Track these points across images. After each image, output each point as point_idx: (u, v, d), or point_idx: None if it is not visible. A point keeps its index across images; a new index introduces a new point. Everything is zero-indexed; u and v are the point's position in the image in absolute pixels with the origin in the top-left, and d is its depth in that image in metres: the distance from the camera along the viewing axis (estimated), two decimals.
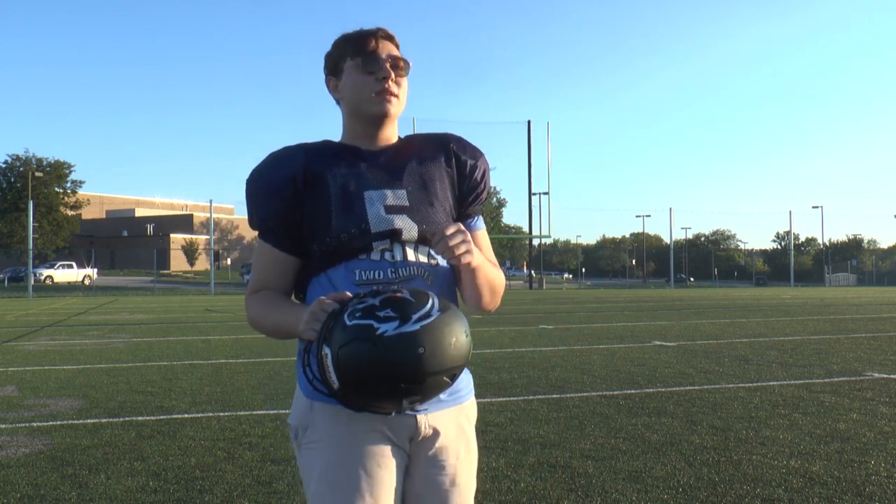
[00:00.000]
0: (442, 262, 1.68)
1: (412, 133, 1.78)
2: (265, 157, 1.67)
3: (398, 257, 1.62)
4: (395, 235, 1.62)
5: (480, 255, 1.65)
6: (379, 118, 1.67)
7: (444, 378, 1.45)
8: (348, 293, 1.50)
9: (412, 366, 1.40)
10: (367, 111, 1.66)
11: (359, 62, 1.65)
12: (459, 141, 1.77)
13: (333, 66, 1.71)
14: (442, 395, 1.62)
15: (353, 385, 1.43)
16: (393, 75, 1.66)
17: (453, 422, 1.68)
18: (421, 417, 1.62)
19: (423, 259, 1.66)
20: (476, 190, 1.76)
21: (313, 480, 1.59)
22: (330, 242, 1.60)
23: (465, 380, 1.73)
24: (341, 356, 1.41)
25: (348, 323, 1.42)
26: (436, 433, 1.65)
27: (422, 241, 1.65)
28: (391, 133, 1.72)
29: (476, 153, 1.77)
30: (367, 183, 1.65)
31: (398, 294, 1.46)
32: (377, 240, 1.61)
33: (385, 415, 1.56)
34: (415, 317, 1.42)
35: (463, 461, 1.68)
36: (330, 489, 1.56)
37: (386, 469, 1.59)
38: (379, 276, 1.60)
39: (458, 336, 1.46)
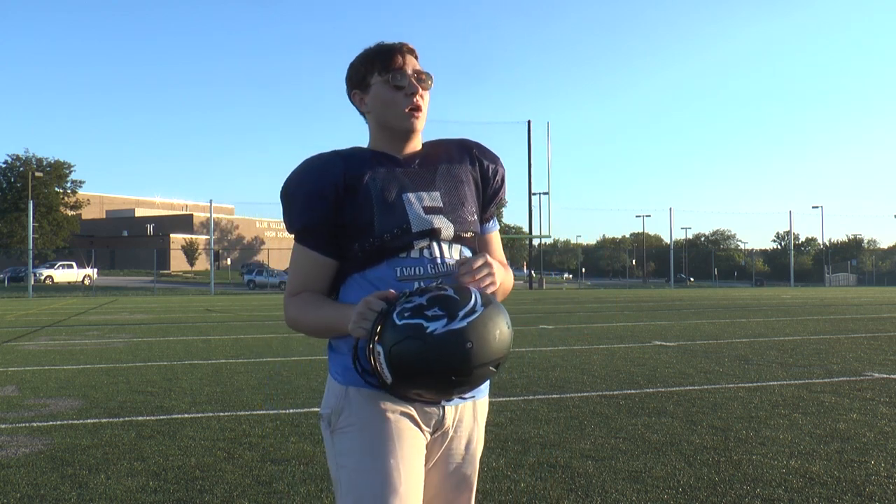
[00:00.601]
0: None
1: (435, 139, 1.89)
2: (302, 164, 1.76)
3: (436, 254, 1.73)
4: (434, 234, 1.73)
5: (500, 270, 1.78)
6: (407, 133, 1.78)
7: (491, 368, 1.55)
8: (392, 291, 1.61)
9: (461, 360, 1.50)
10: (396, 126, 1.77)
11: (388, 79, 1.75)
12: (480, 146, 1.89)
13: (360, 80, 1.79)
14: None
15: (405, 379, 1.54)
16: (420, 90, 1.76)
17: (471, 416, 1.80)
18: (449, 409, 1.74)
19: (457, 256, 1.77)
20: (496, 194, 1.89)
21: (354, 456, 1.66)
22: (373, 243, 1.70)
23: None
24: (393, 354, 1.51)
25: (398, 322, 1.51)
26: (458, 424, 1.77)
27: (455, 240, 1.77)
28: (417, 141, 1.83)
29: (496, 158, 1.89)
30: (405, 186, 1.75)
31: (443, 292, 1.55)
32: (418, 238, 1.71)
33: (431, 403, 1.69)
34: (461, 314, 1.51)
35: (474, 454, 1.81)
36: (372, 459, 1.64)
37: (415, 448, 1.68)
38: (419, 271, 1.71)
39: (502, 328, 1.56)
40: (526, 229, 60.02)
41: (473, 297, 1.56)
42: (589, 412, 5.93)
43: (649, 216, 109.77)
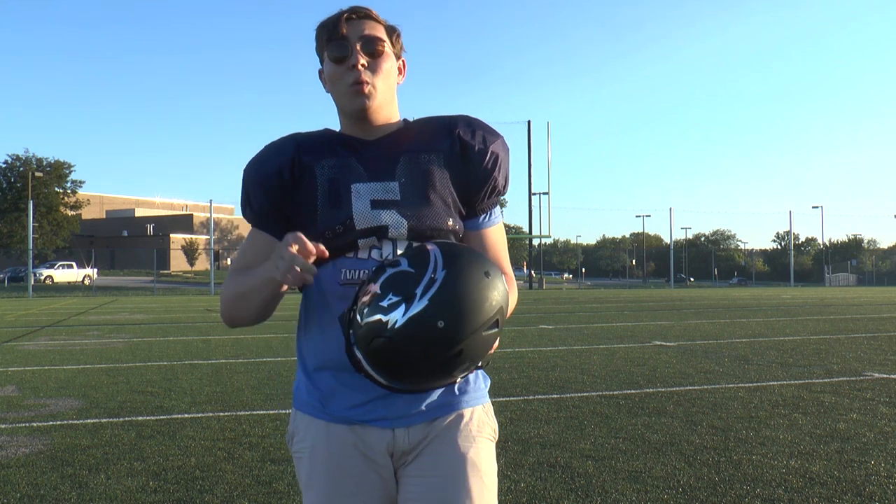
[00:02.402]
0: None
1: (424, 116, 1.64)
2: (262, 148, 1.60)
3: (387, 255, 1.51)
4: (380, 232, 1.50)
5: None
6: (358, 113, 1.53)
7: (484, 333, 1.31)
8: (317, 247, 1.37)
9: (441, 343, 1.28)
10: (344, 107, 1.55)
11: (330, 51, 1.53)
12: (469, 124, 1.58)
13: (319, 57, 1.60)
14: (423, 407, 1.52)
15: (401, 380, 1.38)
16: (364, 61, 1.51)
17: (442, 431, 1.53)
18: (399, 431, 1.52)
19: None
20: (486, 180, 1.57)
21: (302, 485, 1.58)
22: (315, 240, 1.47)
23: (463, 386, 1.58)
24: (370, 357, 1.35)
25: (362, 322, 1.33)
26: (418, 446, 1.53)
27: (415, 238, 1.51)
28: (387, 116, 1.58)
29: (487, 138, 1.57)
30: (356, 175, 1.53)
31: (396, 268, 1.33)
32: (363, 237, 1.50)
33: (383, 420, 1.51)
34: (419, 291, 1.28)
35: (457, 475, 1.51)
36: (315, 494, 1.54)
37: (358, 483, 1.51)
38: (362, 276, 1.49)
39: (476, 286, 1.30)
40: (526, 229, 60.01)
41: (431, 260, 1.31)
42: (589, 412, 5.93)
43: (649, 216, 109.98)
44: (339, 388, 1.53)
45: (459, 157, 1.56)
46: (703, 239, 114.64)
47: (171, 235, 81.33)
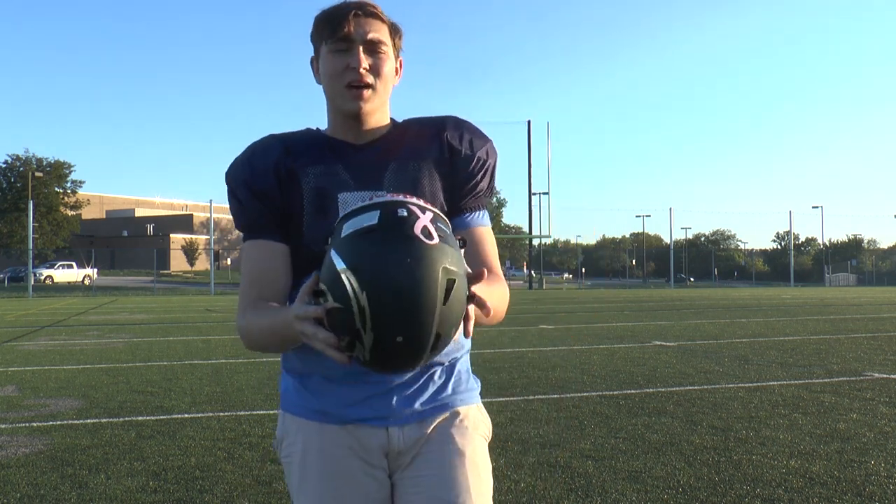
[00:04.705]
0: None
1: (414, 117, 1.59)
2: (244, 150, 1.53)
3: None
4: None
5: (485, 291, 1.28)
6: (351, 115, 1.49)
7: (444, 305, 1.18)
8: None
9: (410, 350, 1.20)
10: (339, 106, 1.50)
11: (332, 47, 1.47)
12: (457, 127, 1.55)
13: (315, 45, 1.53)
14: (417, 405, 1.50)
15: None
16: (366, 64, 1.46)
17: (437, 430, 1.51)
18: (393, 430, 1.48)
19: None
20: (469, 182, 1.53)
21: (293, 491, 1.53)
22: (303, 253, 1.46)
23: (455, 386, 1.56)
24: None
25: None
26: (414, 446, 1.50)
27: None
28: (378, 120, 1.53)
29: (475, 142, 1.55)
30: (345, 184, 1.48)
31: (328, 305, 1.21)
32: None
33: (376, 420, 1.47)
34: (359, 326, 1.18)
35: (455, 472, 1.48)
36: (306, 500, 1.50)
37: (353, 488, 1.48)
38: None
39: (402, 283, 1.15)
40: (526, 229, 59.98)
41: (348, 288, 1.17)
42: (589, 412, 5.93)
43: (649, 216, 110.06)
44: (330, 388, 1.50)
45: (447, 162, 1.52)
46: (703, 239, 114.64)
47: (171, 235, 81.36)
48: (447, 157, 1.52)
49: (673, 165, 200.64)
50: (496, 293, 1.43)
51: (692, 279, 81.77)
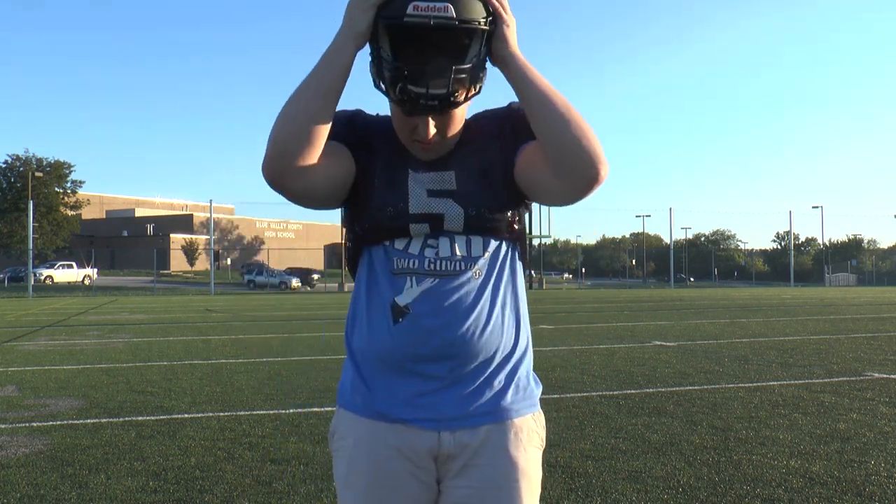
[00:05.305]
0: (495, 256, 1.52)
1: (479, 112, 1.61)
2: None
3: (442, 251, 1.47)
4: (434, 221, 1.47)
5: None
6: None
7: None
8: None
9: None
10: (403, 142, 1.54)
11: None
12: (522, 118, 1.51)
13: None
14: (471, 410, 1.48)
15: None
16: (434, 128, 1.46)
17: (491, 441, 1.49)
18: (445, 434, 1.47)
19: (479, 251, 1.49)
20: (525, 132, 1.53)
21: (339, 484, 1.54)
22: (369, 220, 1.49)
23: (514, 393, 1.54)
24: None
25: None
26: (464, 452, 1.48)
27: (472, 230, 1.48)
28: None
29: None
30: (412, 163, 1.51)
31: None
32: (415, 222, 1.47)
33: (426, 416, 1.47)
34: None
35: (507, 486, 1.47)
36: (352, 494, 1.51)
37: (397, 487, 1.48)
38: (414, 265, 1.47)
39: None
40: (526, 229, 59.99)
41: None
42: (589, 412, 5.93)
43: (649, 216, 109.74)
44: (385, 385, 1.50)
45: (511, 137, 1.53)
46: (703, 239, 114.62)
47: (171, 235, 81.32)
48: (509, 133, 1.53)
49: (673, 165, 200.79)
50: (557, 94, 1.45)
51: (692, 279, 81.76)
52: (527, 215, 1.61)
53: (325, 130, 1.38)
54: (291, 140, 1.36)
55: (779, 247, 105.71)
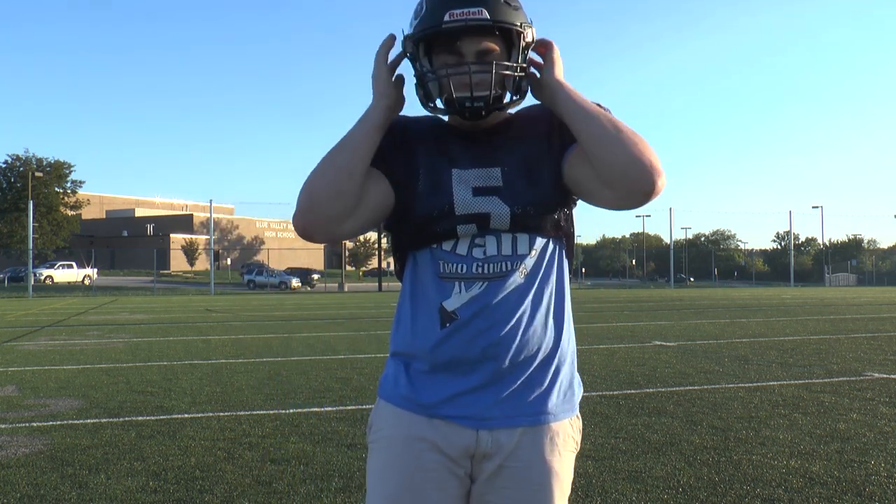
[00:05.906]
0: (542, 255, 1.52)
1: (523, 108, 1.59)
2: None
3: (489, 250, 1.47)
4: (481, 220, 1.46)
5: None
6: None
7: None
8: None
9: None
10: (450, 120, 1.59)
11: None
12: None
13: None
14: (511, 411, 1.49)
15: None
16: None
17: (527, 443, 1.49)
18: (482, 433, 1.48)
19: (525, 250, 1.49)
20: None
21: (372, 476, 1.54)
22: (415, 222, 1.49)
23: (556, 397, 1.54)
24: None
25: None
26: (500, 452, 1.48)
27: (518, 228, 1.48)
28: (497, 118, 1.56)
29: None
30: (456, 160, 1.51)
31: None
32: (462, 223, 1.46)
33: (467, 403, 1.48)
34: None
35: (536, 491, 1.48)
36: (383, 486, 1.51)
37: (431, 482, 1.48)
38: (462, 269, 1.47)
39: None
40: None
41: None
42: (589, 412, 5.93)
43: (649, 216, 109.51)
44: (427, 382, 1.51)
45: (558, 136, 1.52)
46: (703, 239, 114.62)
47: (171, 235, 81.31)
48: (556, 136, 1.53)
49: (673, 165, 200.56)
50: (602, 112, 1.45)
51: (692, 279, 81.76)
52: (574, 212, 1.61)
53: (352, 191, 1.43)
54: (322, 193, 1.42)
55: (779, 247, 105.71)
